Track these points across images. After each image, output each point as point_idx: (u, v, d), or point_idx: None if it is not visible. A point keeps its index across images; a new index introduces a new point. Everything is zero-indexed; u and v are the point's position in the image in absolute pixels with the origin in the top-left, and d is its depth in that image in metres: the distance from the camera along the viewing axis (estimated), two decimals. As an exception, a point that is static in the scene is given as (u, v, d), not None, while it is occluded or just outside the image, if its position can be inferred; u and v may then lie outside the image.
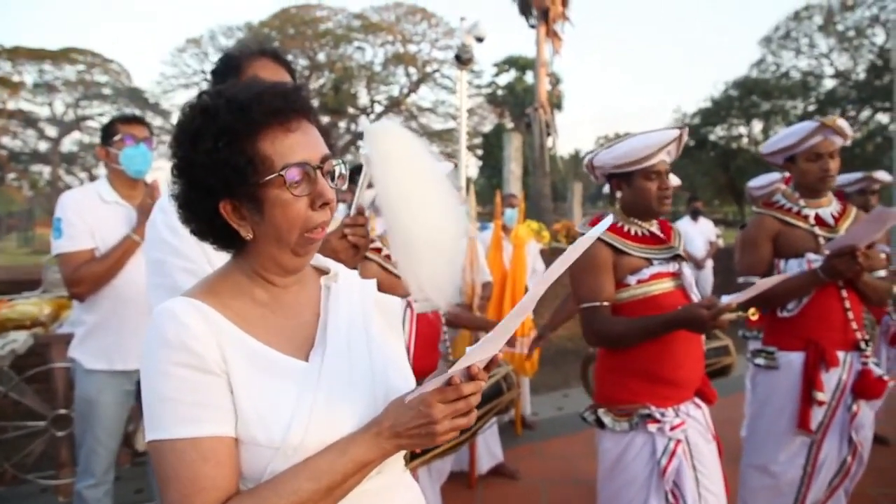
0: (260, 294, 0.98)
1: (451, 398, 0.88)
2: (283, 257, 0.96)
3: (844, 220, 2.41)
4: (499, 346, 0.92)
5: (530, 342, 3.63)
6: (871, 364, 2.35)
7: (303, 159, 0.91)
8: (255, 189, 0.89)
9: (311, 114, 0.97)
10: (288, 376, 0.92)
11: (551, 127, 14.72)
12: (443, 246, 1.25)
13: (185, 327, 0.87)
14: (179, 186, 0.93)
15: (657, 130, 1.99)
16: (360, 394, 0.96)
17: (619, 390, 2.01)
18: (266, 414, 0.88)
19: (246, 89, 0.91)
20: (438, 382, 0.89)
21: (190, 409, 0.85)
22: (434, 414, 0.87)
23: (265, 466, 0.87)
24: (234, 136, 0.88)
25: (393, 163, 1.31)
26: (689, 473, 1.93)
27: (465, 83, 5.98)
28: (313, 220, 0.93)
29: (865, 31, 28.51)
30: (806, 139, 2.40)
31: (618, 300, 1.99)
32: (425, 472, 2.61)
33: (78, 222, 2.44)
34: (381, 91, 32.20)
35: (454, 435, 0.93)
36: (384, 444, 0.90)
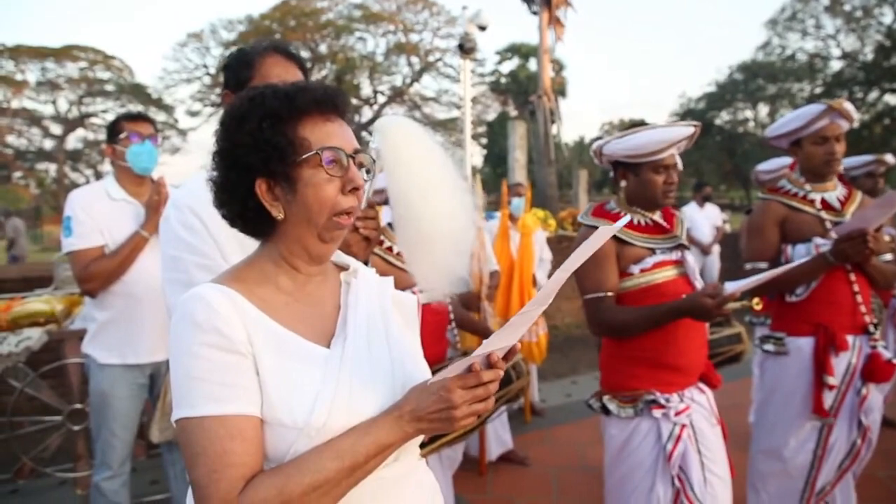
0: (285, 282, 1.02)
1: (471, 384, 0.91)
2: (311, 241, 0.99)
3: (850, 204, 2.41)
4: (517, 336, 0.95)
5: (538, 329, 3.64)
6: (880, 347, 2.35)
7: (337, 144, 0.97)
8: (292, 168, 0.95)
9: (347, 113, 1.03)
10: (311, 361, 0.96)
11: (555, 114, 14.66)
12: (452, 236, 1.27)
13: (215, 310, 0.91)
14: (219, 169, 0.99)
15: (671, 125, 1.98)
16: (380, 381, 0.99)
17: (624, 378, 2.03)
18: (290, 396, 0.91)
19: (292, 84, 0.99)
20: (459, 369, 0.92)
21: (218, 387, 0.88)
22: (454, 399, 0.90)
23: (289, 447, 0.90)
24: (277, 119, 0.94)
25: (402, 156, 1.33)
26: (695, 457, 1.94)
27: (468, 72, 5.97)
28: (342, 203, 0.98)
29: (873, 11, 28.14)
30: (812, 122, 2.38)
31: (621, 289, 2.00)
32: (436, 459, 2.64)
33: (87, 220, 2.47)
34: (384, 81, 32.11)
35: (473, 420, 0.95)
36: (405, 427, 0.93)
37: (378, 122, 1.40)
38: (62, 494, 3.41)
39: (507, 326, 0.90)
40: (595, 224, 2.04)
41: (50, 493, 3.45)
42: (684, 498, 1.93)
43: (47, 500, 3.39)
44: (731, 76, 29.59)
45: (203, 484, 0.86)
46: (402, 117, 1.43)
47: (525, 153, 9.90)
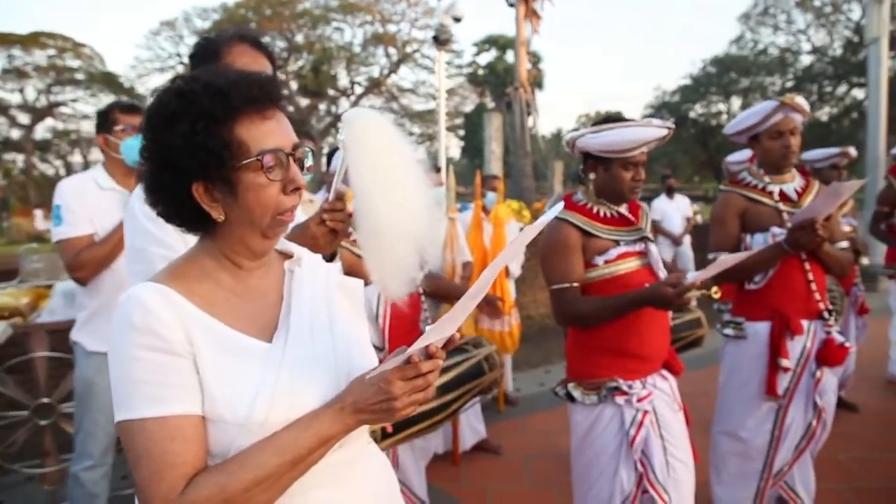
0: (225, 278, 1.02)
1: (410, 376, 0.93)
2: (253, 240, 0.99)
3: (807, 195, 2.49)
4: (455, 327, 0.97)
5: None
6: (833, 332, 2.44)
7: (277, 146, 0.95)
8: (231, 172, 0.93)
9: (283, 103, 1.02)
10: (252, 357, 0.96)
11: (532, 106, 14.73)
12: (410, 234, 1.27)
13: (150, 312, 0.90)
14: (150, 167, 0.96)
15: (645, 125, 2.00)
16: (323, 373, 1.00)
17: (588, 366, 2.07)
18: (231, 392, 0.92)
19: (222, 76, 0.95)
20: (398, 361, 0.94)
21: (157, 389, 0.89)
22: (394, 391, 0.92)
23: (231, 443, 0.91)
24: (212, 121, 0.91)
25: (368, 149, 1.34)
26: (657, 442, 2.00)
27: (443, 64, 6.00)
28: (285, 203, 0.98)
29: (841, 7, 28.68)
30: (767, 118, 2.46)
31: (586, 280, 2.04)
32: (409, 451, 2.67)
33: (77, 208, 2.48)
34: (361, 72, 31.87)
35: (413, 410, 0.97)
36: (347, 419, 0.94)
37: (346, 113, 1.40)
38: (30, 490, 3.38)
39: (443, 320, 0.92)
40: (561, 215, 2.07)
41: (17, 489, 3.42)
42: (647, 482, 1.98)
43: (15, 497, 3.36)
44: (705, 69, 29.95)
45: (145, 485, 0.87)
46: (371, 110, 1.43)
47: (501, 145, 9.94)
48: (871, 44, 9.62)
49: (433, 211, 1.38)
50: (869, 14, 9.65)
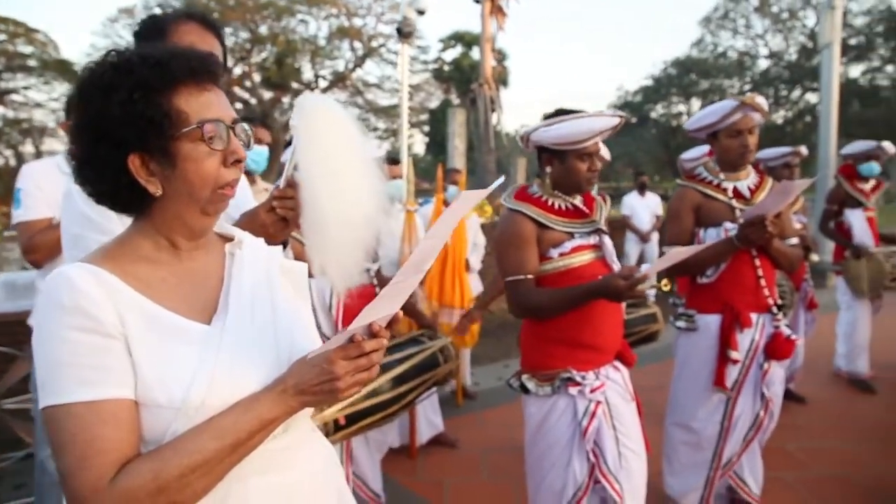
0: (162, 258, 0.98)
1: (353, 355, 0.91)
2: (192, 216, 0.96)
3: (760, 192, 2.55)
4: (398, 305, 0.96)
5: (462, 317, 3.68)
6: (781, 326, 2.51)
7: (217, 116, 0.94)
8: (170, 142, 0.90)
9: (221, 81, 1.00)
10: (189, 339, 0.93)
11: (496, 103, 14.79)
12: (354, 226, 1.25)
13: (80, 291, 0.86)
14: (82, 144, 0.92)
15: (596, 115, 2.01)
16: (264, 355, 0.98)
17: (542, 357, 2.08)
18: (166, 376, 0.88)
19: (160, 48, 0.94)
20: (340, 340, 0.92)
21: (87, 371, 0.85)
22: (336, 370, 0.90)
23: (166, 428, 0.87)
24: (150, 89, 0.89)
25: (317, 135, 1.31)
26: (609, 433, 2.02)
27: (406, 57, 5.94)
28: (225, 176, 0.96)
29: (797, 14, 29.56)
30: (726, 117, 2.51)
31: (541, 272, 2.05)
32: (363, 444, 2.65)
33: (36, 192, 2.44)
34: (326, 66, 31.44)
35: (357, 390, 0.96)
36: (289, 401, 0.92)
37: (299, 98, 1.37)
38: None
39: (382, 296, 0.90)
40: (517, 207, 2.08)
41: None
42: (599, 472, 2.00)
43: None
44: (666, 71, 30.50)
45: (71, 473, 0.82)
46: (325, 97, 1.41)
47: (464, 141, 9.94)
48: (823, 49, 9.91)
49: (383, 202, 1.36)
50: (822, 20, 9.94)
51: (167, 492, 0.83)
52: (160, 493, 0.83)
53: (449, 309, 3.87)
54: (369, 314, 0.91)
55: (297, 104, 1.36)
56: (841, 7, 9.70)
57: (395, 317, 0.98)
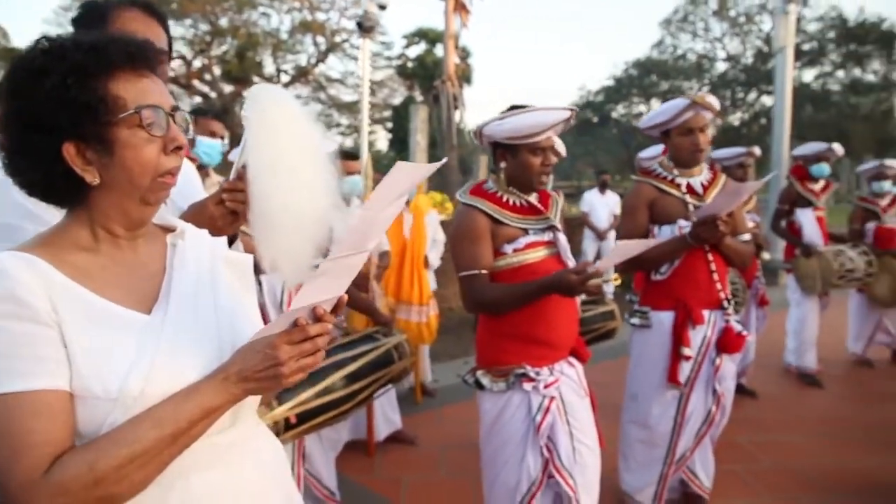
0: (100, 248, 0.95)
1: (297, 339, 0.90)
2: (131, 205, 0.94)
3: (712, 189, 2.59)
4: (342, 287, 0.93)
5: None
6: (732, 321, 2.55)
7: (156, 102, 0.91)
8: (107, 129, 0.87)
9: (160, 68, 0.97)
10: (128, 329, 0.90)
11: (459, 100, 14.79)
12: (305, 221, 1.22)
13: (11, 278, 0.83)
14: (13, 132, 0.89)
15: (549, 109, 2.01)
16: (205, 345, 0.96)
17: (496, 353, 2.07)
18: (102, 366, 0.85)
19: (94, 34, 0.91)
20: (283, 324, 0.90)
21: (18, 361, 0.82)
22: (280, 356, 0.88)
23: (103, 420, 0.85)
24: (85, 74, 0.86)
25: (269, 129, 1.28)
26: (563, 428, 2.02)
27: (367, 52, 5.91)
28: (165, 164, 0.93)
29: (754, 18, 30.36)
30: (678, 115, 2.54)
31: (495, 268, 2.03)
32: (317, 441, 2.61)
33: None
34: (288, 60, 30.99)
35: (302, 375, 0.94)
36: (232, 389, 0.90)
37: (252, 89, 1.34)
38: None
39: (320, 275, 0.88)
40: (471, 202, 2.06)
41: None
42: (553, 467, 2.01)
43: None
44: (627, 72, 30.98)
45: (4, 466, 0.80)
46: (278, 88, 1.37)
47: (426, 137, 9.92)
48: (778, 53, 10.19)
49: (336, 197, 1.33)
50: (777, 25, 10.21)
51: (104, 483, 0.80)
52: (96, 486, 0.80)
53: (407, 305, 3.85)
54: (310, 294, 0.89)
55: (249, 94, 1.32)
56: (794, 13, 9.98)
57: (340, 300, 0.96)
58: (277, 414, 2.11)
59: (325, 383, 2.26)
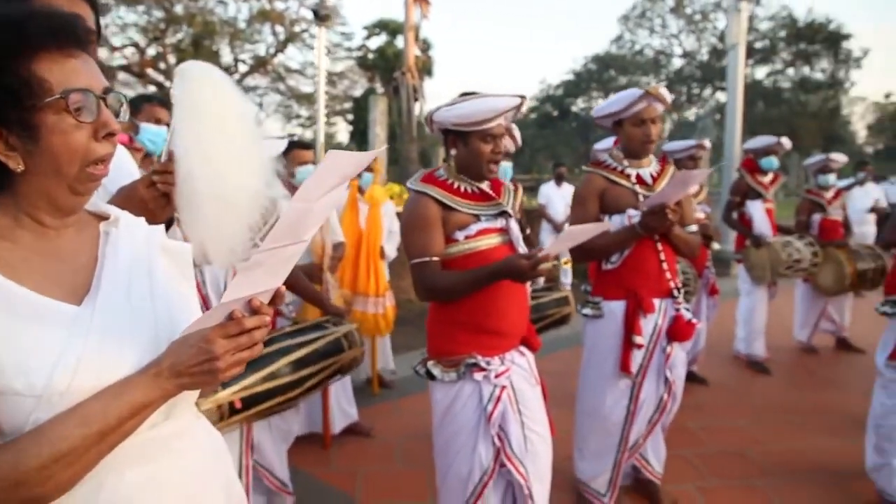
0: (26, 237, 0.90)
1: (233, 333, 0.87)
2: (60, 193, 0.89)
3: (661, 179, 2.62)
4: (279, 279, 0.91)
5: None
6: (682, 309, 2.60)
7: (85, 86, 0.86)
8: (31, 114, 0.82)
9: (90, 46, 0.91)
10: (55, 322, 0.85)
11: (419, 92, 14.74)
12: (233, 203, 1.19)
13: None
14: None
15: (499, 95, 2.01)
16: (139, 338, 0.91)
17: (447, 342, 2.06)
18: (24, 361, 0.81)
19: (16, 7, 0.84)
20: (217, 316, 0.87)
21: None
22: (215, 350, 0.86)
23: (27, 417, 0.80)
24: (5, 55, 0.81)
25: (198, 107, 1.24)
26: (514, 417, 2.02)
27: (323, 41, 5.83)
28: (96, 151, 0.88)
29: (709, 16, 31.05)
30: (632, 105, 2.56)
31: (447, 255, 2.02)
32: (267, 431, 2.56)
33: None
34: (246, 49, 30.34)
35: (239, 370, 0.91)
36: (164, 384, 0.87)
37: (181, 66, 1.29)
38: None
39: (254, 267, 0.85)
40: (422, 189, 2.05)
41: None
42: (504, 456, 2.01)
43: None
44: (587, 66, 31.31)
45: None
46: (210, 66, 1.33)
47: (386, 129, 9.85)
48: (730, 50, 10.43)
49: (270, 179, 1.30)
50: (729, 23, 10.46)
51: (27, 484, 0.77)
52: (19, 486, 0.77)
53: (363, 297, 3.81)
54: (244, 285, 0.86)
55: (178, 72, 1.28)
56: (746, 11, 10.23)
57: (278, 292, 0.93)
58: (221, 397, 2.06)
59: (270, 368, 2.22)
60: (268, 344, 2.32)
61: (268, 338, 2.36)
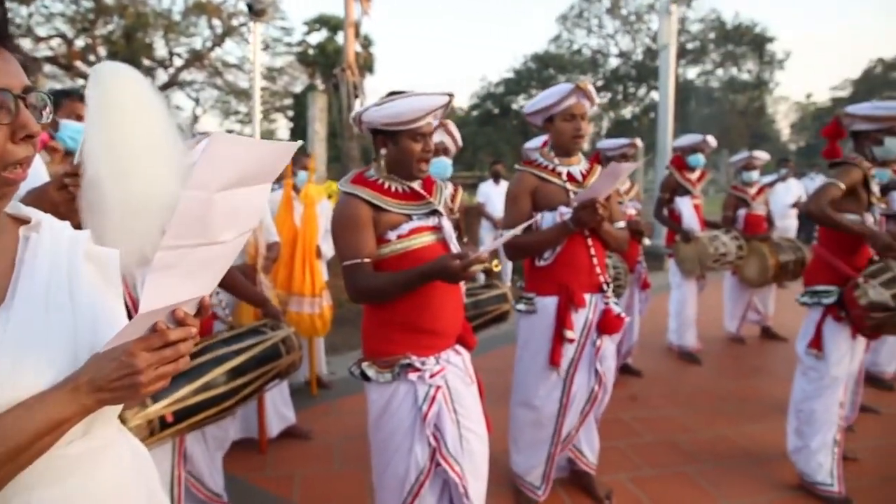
0: None
1: (156, 346, 0.83)
2: None
3: (591, 177, 2.69)
4: (205, 287, 0.87)
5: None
6: (611, 303, 2.66)
7: (3, 85, 0.81)
8: None
9: (8, 40, 0.85)
10: None
11: (359, 89, 14.60)
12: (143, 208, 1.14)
13: None
14: None
15: (428, 94, 2.00)
16: (57, 350, 0.87)
17: (381, 343, 2.05)
18: None
19: None
20: (140, 329, 0.84)
21: None
22: (137, 364, 0.82)
23: None
24: None
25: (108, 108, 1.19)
26: (450, 416, 2.02)
27: (258, 35, 5.69)
28: (13, 154, 0.83)
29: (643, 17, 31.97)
30: (562, 100, 2.61)
31: (379, 256, 2.01)
32: (200, 441, 2.48)
33: None
34: (182, 43, 29.39)
35: (163, 384, 0.88)
36: (83, 400, 0.82)
37: (96, 66, 1.24)
38: None
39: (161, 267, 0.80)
40: (352, 191, 2.02)
41: None
42: (440, 456, 2.01)
43: None
44: (526, 64, 31.71)
45: None
46: (126, 66, 1.28)
47: (325, 126, 9.73)
48: (662, 50, 10.76)
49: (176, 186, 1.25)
50: (661, 24, 10.78)
51: None
52: None
53: (299, 297, 3.74)
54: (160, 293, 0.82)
55: (92, 72, 1.23)
56: (677, 12, 10.57)
57: (203, 302, 0.90)
58: (151, 412, 1.98)
59: (205, 379, 2.15)
60: (202, 352, 2.25)
61: (202, 345, 2.29)
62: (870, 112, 2.80)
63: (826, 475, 2.88)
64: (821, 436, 2.89)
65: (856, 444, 3.38)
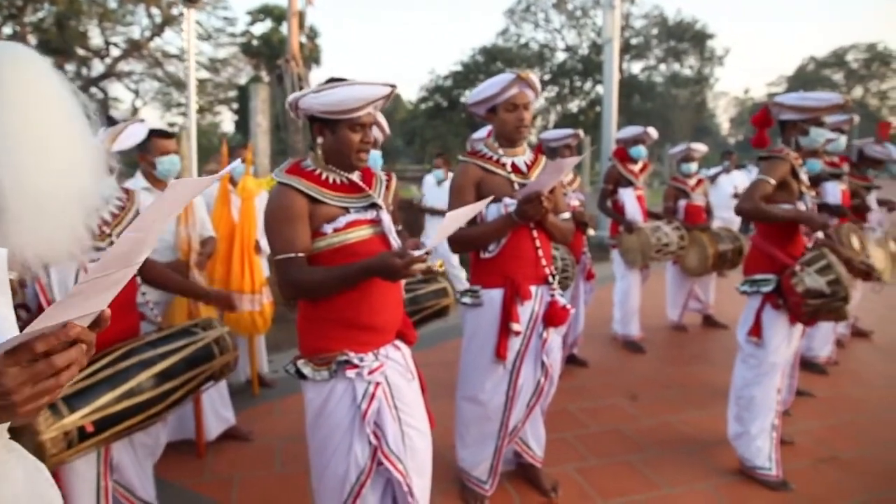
0: None
1: (24, 360, 0.74)
2: None
3: (535, 168, 2.66)
4: (104, 301, 0.79)
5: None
6: (556, 295, 2.65)
7: None
8: None
9: None
10: None
11: (304, 81, 14.28)
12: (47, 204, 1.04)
13: None
14: None
15: (369, 83, 1.92)
16: None
17: (318, 340, 1.97)
18: None
19: None
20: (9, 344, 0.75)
21: None
22: (6, 383, 0.73)
23: None
24: None
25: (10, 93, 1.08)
26: (390, 413, 1.96)
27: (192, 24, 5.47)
28: None
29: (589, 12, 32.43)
30: (504, 90, 2.57)
31: (315, 249, 1.92)
32: (128, 449, 2.34)
33: None
34: (119, 32, 28.25)
35: (46, 401, 0.79)
36: None
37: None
38: None
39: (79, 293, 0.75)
40: (286, 181, 1.93)
41: None
42: (381, 454, 1.95)
43: None
44: (474, 58, 31.73)
45: None
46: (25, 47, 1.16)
47: (268, 118, 9.49)
48: (605, 44, 10.91)
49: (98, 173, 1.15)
50: (605, 19, 10.92)
51: None
52: None
53: (238, 294, 3.60)
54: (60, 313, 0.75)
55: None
56: (619, 8, 10.72)
57: (102, 315, 0.82)
58: (68, 423, 1.85)
59: (128, 385, 2.03)
60: (127, 356, 2.12)
61: (127, 349, 2.16)
62: (796, 102, 2.87)
63: (765, 459, 2.94)
64: (760, 421, 2.95)
65: (792, 427, 3.49)
